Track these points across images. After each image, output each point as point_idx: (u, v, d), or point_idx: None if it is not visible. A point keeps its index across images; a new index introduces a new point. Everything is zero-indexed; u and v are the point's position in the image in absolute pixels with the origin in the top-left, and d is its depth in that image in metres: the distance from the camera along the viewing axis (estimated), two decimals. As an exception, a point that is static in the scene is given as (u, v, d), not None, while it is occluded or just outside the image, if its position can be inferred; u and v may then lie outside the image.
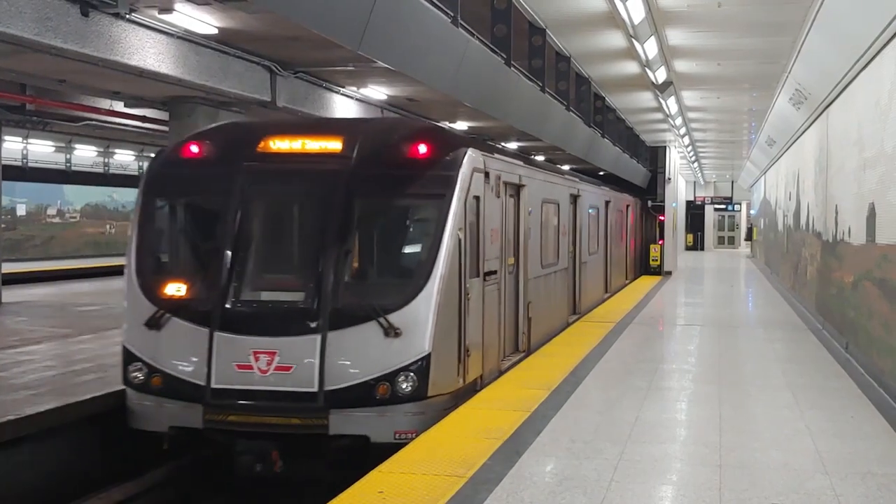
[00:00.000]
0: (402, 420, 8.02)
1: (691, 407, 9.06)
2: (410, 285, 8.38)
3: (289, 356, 8.01)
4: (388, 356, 8.03)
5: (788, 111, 17.85)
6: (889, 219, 9.43)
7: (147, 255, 9.18)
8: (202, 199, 9.33)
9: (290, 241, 9.42)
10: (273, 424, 8.03)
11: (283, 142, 9.17)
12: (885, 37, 9.35)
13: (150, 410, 8.54)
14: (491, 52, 11.83)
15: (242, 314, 8.41)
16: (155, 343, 8.50)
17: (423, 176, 8.82)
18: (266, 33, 12.19)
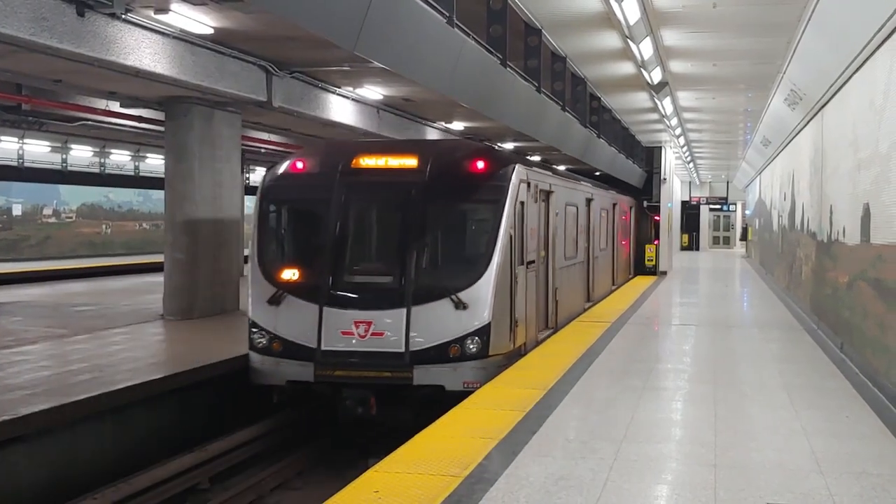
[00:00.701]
0: (469, 373, 10.40)
1: (687, 406, 9.08)
2: (474, 271, 10.77)
3: (381, 325, 10.48)
4: (458, 325, 10.49)
5: (783, 111, 17.88)
6: (884, 219, 9.45)
7: (266, 248, 11.65)
8: (308, 203, 11.82)
9: (379, 236, 12.02)
10: (369, 377, 10.43)
11: (371, 159, 11.46)
12: (879, 37, 9.37)
13: (271, 368, 11.00)
14: (487, 53, 11.84)
15: (344, 293, 10.85)
16: (275, 316, 10.95)
17: (482, 186, 11.29)
18: (262, 33, 12.20)
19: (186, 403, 11.14)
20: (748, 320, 17.77)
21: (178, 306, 15.64)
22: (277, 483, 9.87)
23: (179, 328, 14.57)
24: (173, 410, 10.88)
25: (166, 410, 10.74)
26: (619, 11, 10.74)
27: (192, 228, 15.63)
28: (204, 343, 13.05)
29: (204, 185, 15.74)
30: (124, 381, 10.07)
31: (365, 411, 10.45)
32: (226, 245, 16.31)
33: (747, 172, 39.13)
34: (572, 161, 28.72)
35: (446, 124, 22.07)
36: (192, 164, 15.59)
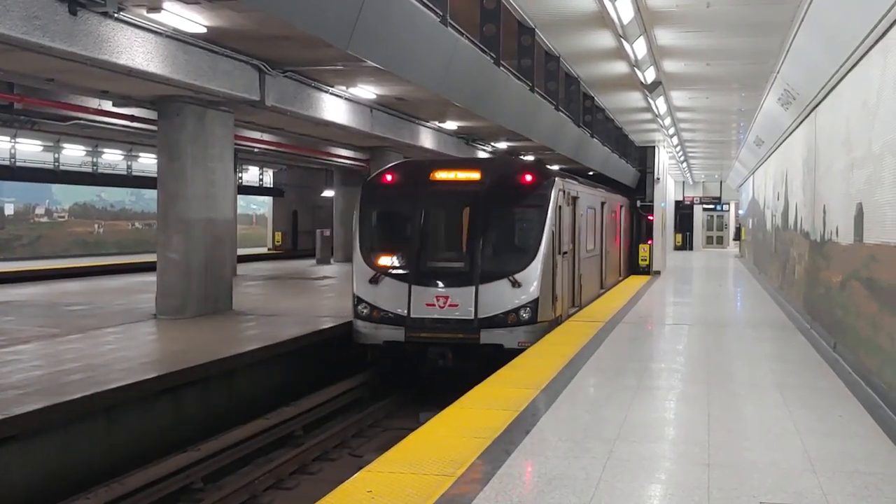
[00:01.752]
0: (521, 335, 13.58)
1: (680, 406, 9.07)
2: (526, 258, 14.09)
3: (456, 299, 13.72)
4: (513, 298, 13.73)
5: (777, 111, 17.90)
6: (877, 219, 9.46)
7: (366, 240, 14.86)
8: (398, 207, 15.18)
9: (453, 232, 15.30)
10: (447, 338, 13.70)
11: (444, 173, 14.89)
12: (872, 37, 9.38)
13: (372, 332, 14.15)
14: (480, 52, 11.83)
15: (428, 274, 14.07)
16: (374, 292, 14.18)
17: (531, 194, 14.62)
18: (255, 32, 12.21)
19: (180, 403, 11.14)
20: (741, 320, 17.78)
21: (171, 306, 15.63)
22: (271, 483, 9.85)
23: (172, 328, 14.55)
24: (166, 410, 10.87)
25: (159, 410, 10.74)
26: (613, 11, 10.73)
27: (185, 228, 15.63)
28: (196, 342, 13.02)
29: (196, 184, 15.73)
30: (117, 380, 10.05)
31: (444, 363, 13.80)
32: (219, 244, 16.30)
33: (740, 172, 39.18)
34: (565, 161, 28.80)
35: (440, 123, 22.11)
36: (184, 163, 15.58)
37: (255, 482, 9.65)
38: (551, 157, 31.28)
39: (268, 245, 47.28)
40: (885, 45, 9.09)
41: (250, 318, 15.95)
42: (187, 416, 11.28)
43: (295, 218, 46.68)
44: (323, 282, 25.12)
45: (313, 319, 15.84)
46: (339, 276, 26.91)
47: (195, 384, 11.44)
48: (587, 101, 19.83)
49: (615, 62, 15.24)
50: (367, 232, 15.01)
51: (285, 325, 15.02)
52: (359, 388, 14.33)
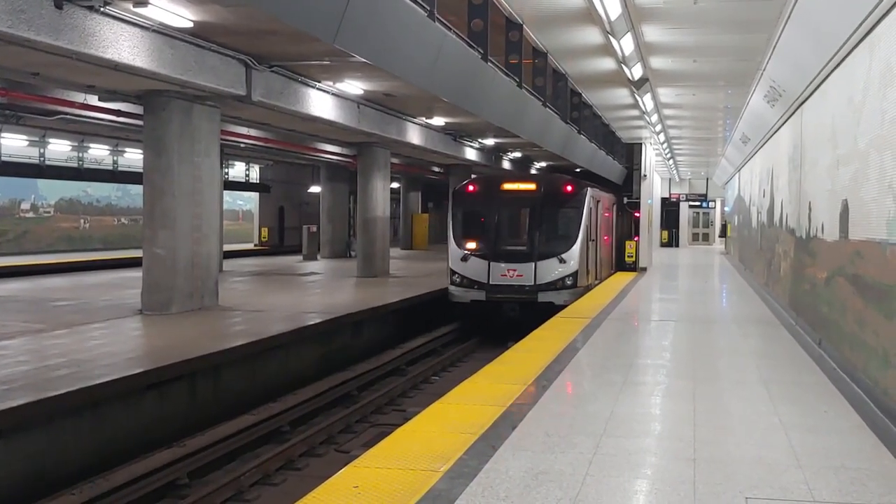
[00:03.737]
0: (566, 296, 19.63)
1: (666, 401, 9.09)
2: (568, 243, 20.26)
3: (521, 271, 19.72)
4: (560, 271, 19.89)
5: (763, 108, 17.95)
6: (862, 215, 9.49)
7: (458, 231, 20.90)
8: (479, 208, 21.06)
9: (518, 225, 21.55)
10: (515, 298, 19.70)
11: (510, 184, 21.49)
12: (858, 34, 9.41)
13: (462, 294, 20.21)
14: (468, 47, 11.82)
15: (501, 255, 20.03)
16: (463, 266, 20.19)
17: (571, 199, 20.77)
18: (241, 27, 12.17)
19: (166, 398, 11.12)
20: (727, 316, 17.85)
21: (157, 301, 15.59)
22: (257, 478, 9.83)
23: (158, 323, 14.50)
24: (152, 406, 10.84)
25: (145, 406, 10.71)
26: (601, 7, 10.73)
27: (171, 223, 15.58)
28: (182, 338, 12.99)
29: (183, 179, 15.68)
30: (102, 376, 10.02)
31: (515, 315, 19.72)
32: (205, 240, 16.25)
33: (726, 169, 39.27)
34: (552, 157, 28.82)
35: (427, 119, 22.09)
36: (170, 158, 15.53)
37: (242, 478, 9.61)
38: (538, 153, 31.34)
39: (254, 241, 47.20)
40: (871, 41, 9.11)
41: (236, 313, 15.92)
42: (173, 411, 11.25)
43: (281, 214, 46.60)
44: (309, 278, 25.10)
45: (299, 316, 15.82)
46: (325, 273, 26.89)
47: (181, 380, 11.42)
48: (574, 97, 19.87)
49: (603, 58, 15.26)
50: (458, 226, 21.14)
51: (271, 321, 15.00)
52: (351, 381, 14.33)
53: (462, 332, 20.48)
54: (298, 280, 24.39)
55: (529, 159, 35.04)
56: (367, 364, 16.07)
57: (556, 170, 37.89)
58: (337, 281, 23.91)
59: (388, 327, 18.68)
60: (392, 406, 13.75)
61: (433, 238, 49.00)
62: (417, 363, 17.19)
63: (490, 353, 17.29)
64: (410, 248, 44.00)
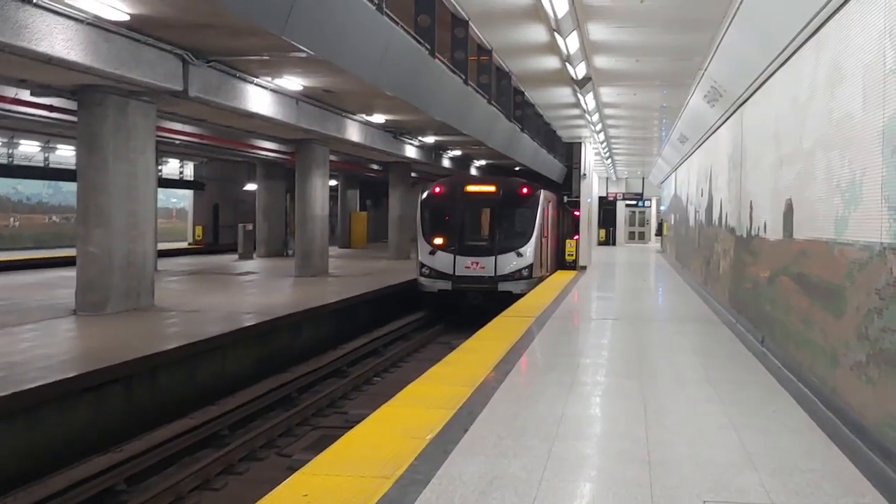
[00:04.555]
0: (523, 286, 21.95)
1: (615, 401, 9.00)
2: (525, 238, 22.64)
3: (483, 263, 22.03)
4: (518, 263, 22.26)
5: (703, 108, 18.05)
6: (807, 215, 9.51)
7: (426, 228, 22.94)
8: (445, 207, 23.26)
9: (480, 223, 23.47)
10: (478, 287, 21.95)
11: (473, 186, 23.95)
12: (805, 33, 9.43)
13: (430, 284, 22.38)
14: (415, 42, 11.64)
15: (466, 249, 22.27)
16: (432, 259, 22.33)
17: (527, 200, 23.30)
18: (179, 20, 11.93)
19: (102, 402, 10.81)
20: (668, 314, 17.90)
21: (91, 301, 15.23)
22: (197, 483, 9.57)
23: (92, 324, 14.14)
24: (88, 409, 10.53)
25: (81, 410, 10.40)
26: (548, 4, 10.63)
27: (106, 221, 15.23)
28: (118, 339, 12.67)
29: (118, 176, 15.35)
30: (36, 379, 9.70)
31: (478, 302, 22.00)
32: (141, 238, 15.91)
33: (663, 169, 39.60)
34: (495, 155, 28.82)
35: (367, 116, 21.90)
36: (105, 154, 15.19)
37: (181, 483, 9.36)
38: (479, 151, 31.36)
39: (188, 240, 46.54)
40: (818, 40, 9.13)
41: (173, 314, 15.59)
42: (110, 415, 10.95)
43: (216, 212, 45.98)
44: (245, 277, 24.73)
45: (237, 316, 15.54)
46: (262, 272, 26.53)
47: (117, 382, 11.13)
48: (518, 96, 19.79)
49: (547, 57, 15.18)
50: (426, 224, 23.34)
51: (208, 322, 14.70)
52: (291, 383, 14.09)
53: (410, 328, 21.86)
54: (235, 279, 24.02)
55: (469, 157, 35.05)
56: (307, 365, 15.84)
57: (497, 168, 38.12)
58: (274, 280, 23.59)
59: (328, 328, 18.45)
60: (333, 408, 13.55)
61: (371, 236, 48.77)
62: (358, 364, 16.99)
63: (432, 353, 17.41)
64: (349, 247, 43.70)
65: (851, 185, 7.58)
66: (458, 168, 35.13)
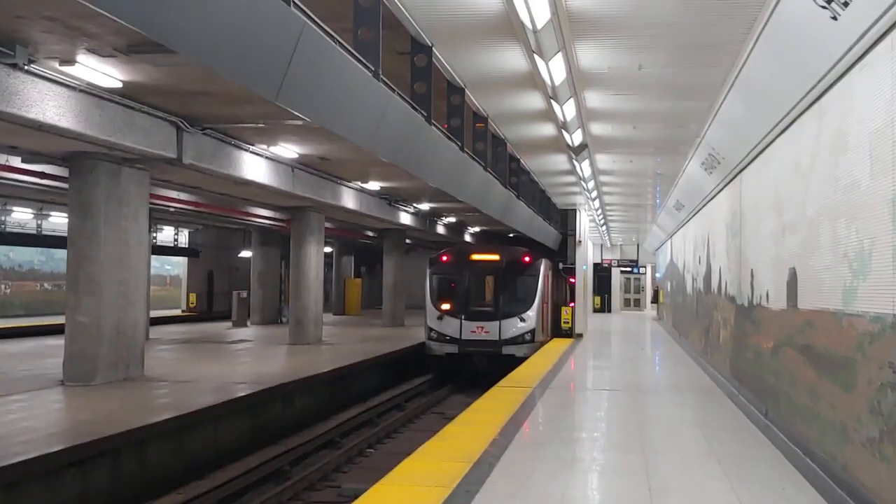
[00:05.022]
0: (526, 349, 23.07)
1: (619, 480, 8.70)
2: (527, 305, 23.96)
3: (488, 328, 23.22)
4: (521, 328, 23.46)
5: (700, 175, 17.93)
6: (812, 284, 9.30)
7: (434, 294, 24.16)
8: (452, 275, 24.34)
9: (485, 290, 24.39)
10: (483, 351, 23.14)
11: (478, 255, 24.92)
12: (806, 101, 9.30)
13: (438, 347, 23.39)
14: (412, 109, 11.52)
15: (472, 314, 23.51)
16: (439, 324, 23.45)
17: (529, 268, 24.57)
18: (173, 87, 11.79)
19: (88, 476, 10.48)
20: (668, 385, 17.58)
21: (80, 372, 14.91)
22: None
23: (80, 395, 13.82)
24: (73, 485, 10.19)
25: (66, 485, 10.06)
26: (546, 72, 10.52)
27: (96, 290, 14.97)
28: (105, 412, 12.34)
29: (109, 244, 15.11)
30: (20, 453, 9.37)
31: (482, 366, 23.23)
32: (131, 307, 15.63)
33: (658, 236, 39.49)
34: (489, 221, 28.66)
35: (362, 184, 21.78)
36: (97, 222, 14.98)
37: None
38: (473, 218, 31.23)
39: (181, 307, 46.19)
40: (820, 108, 9.00)
41: (163, 384, 15.26)
42: (96, 490, 10.61)
43: (210, 279, 45.72)
44: (239, 346, 24.39)
45: (228, 387, 15.21)
46: (256, 340, 26.19)
47: (104, 456, 10.79)
48: (513, 163, 19.70)
49: (543, 124, 15.09)
50: (433, 290, 24.64)
51: (199, 393, 14.37)
52: (283, 456, 13.72)
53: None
54: (227, 348, 23.68)
55: (464, 224, 34.92)
56: (300, 437, 15.47)
57: (491, 235, 37.99)
58: (268, 348, 23.26)
59: (322, 397, 18.11)
60: (326, 482, 13.17)
61: (366, 303, 48.48)
62: (351, 434, 16.63)
63: (427, 423, 17.08)
64: (343, 314, 43.39)
65: (860, 254, 7.37)
66: (452, 235, 34.97)
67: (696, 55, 10.72)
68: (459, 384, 23.08)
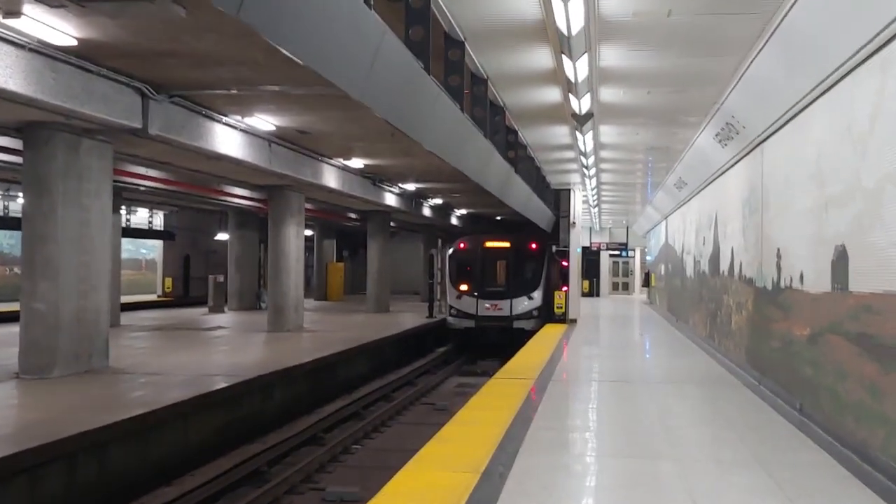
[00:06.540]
0: (533, 324, 27.48)
1: (657, 497, 7.30)
2: (535, 284, 28.36)
3: (501, 305, 27.80)
4: (530, 305, 27.96)
5: (711, 148, 16.67)
6: (874, 264, 7.99)
7: (453, 277, 28.68)
8: (469, 260, 28.81)
9: (497, 272, 28.91)
10: (496, 325, 27.69)
11: (492, 242, 29.34)
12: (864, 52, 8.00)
13: (458, 322, 28.06)
14: (408, 53, 10.04)
15: (486, 294, 28.06)
16: (458, 303, 28.13)
17: (536, 252, 29.10)
18: (135, 47, 10.43)
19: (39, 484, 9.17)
20: (681, 375, 16.13)
21: (36, 364, 13.60)
22: None
23: (35, 390, 12.50)
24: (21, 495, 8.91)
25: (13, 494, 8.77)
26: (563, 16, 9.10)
27: (54, 274, 13.62)
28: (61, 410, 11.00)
29: (68, 223, 13.77)
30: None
31: (496, 338, 27.04)
32: (93, 293, 14.28)
33: (651, 217, 38.30)
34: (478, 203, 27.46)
35: (344, 161, 20.42)
36: (54, 199, 13.66)
37: None
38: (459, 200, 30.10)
39: (157, 292, 44.72)
40: (883, 59, 7.69)
41: (129, 377, 13.92)
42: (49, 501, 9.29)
43: (187, 263, 44.23)
44: (215, 333, 22.98)
45: (202, 379, 13.86)
46: (233, 327, 24.80)
47: (57, 461, 9.51)
48: (511, 135, 18.22)
49: (548, 88, 13.65)
50: (453, 273, 28.66)
51: (169, 387, 13.02)
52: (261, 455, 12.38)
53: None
54: (203, 336, 22.26)
55: (450, 206, 33.64)
56: (279, 433, 14.17)
57: (476, 218, 36.90)
58: (245, 336, 21.88)
59: (303, 389, 16.78)
60: (308, 484, 11.90)
61: (349, 288, 47.12)
62: (336, 429, 15.34)
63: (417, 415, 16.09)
64: (325, 299, 42.01)
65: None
66: (438, 217, 33.70)
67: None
68: (453, 370, 24.42)
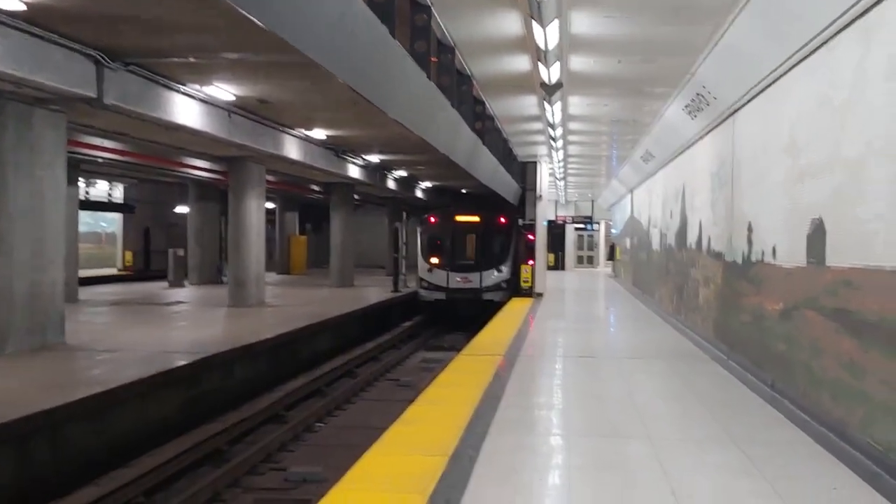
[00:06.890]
0: (501, 295, 28.31)
1: (631, 477, 7.04)
2: (504, 258, 29.23)
3: (471, 278, 28.62)
4: (498, 278, 28.81)
5: (680, 120, 16.42)
6: (851, 238, 7.76)
7: (424, 251, 29.30)
8: (440, 233, 29.67)
9: (467, 246, 29.78)
10: (466, 297, 28.46)
11: (462, 216, 30.12)
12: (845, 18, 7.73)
13: (429, 294, 28.84)
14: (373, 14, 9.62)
15: (457, 266, 28.89)
16: (430, 275, 28.83)
17: (505, 226, 29.93)
18: (88, 11, 9.95)
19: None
20: (648, 349, 15.94)
21: (-13, 340, 13.10)
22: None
23: (-16, 369, 12.04)
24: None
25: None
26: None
27: (5, 249, 13.15)
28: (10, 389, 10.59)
29: (20, 195, 13.31)
30: None
31: (466, 309, 27.53)
32: (49, 267, 13.84)
33: (616, 190, 38.15)
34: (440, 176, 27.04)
35: (306, 132, 19.95)
36: (4, 171, 13.21)
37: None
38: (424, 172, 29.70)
39: (117, 266, 44.00)
40: (867, 25, 7.43)
41: (85, 354, 13.50)
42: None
43: (147, 236, 43.51)
44: (175, 308, 22.51)
45: (160, 356, 13.46)
46: (193, 301, 24.32)
47: (6, 444, 9.15)
48: (478, 105, 17.79)
49: (517, 55, 13.29)
50: (424, 246, 29.19)
51: (126, 364, 12.62)
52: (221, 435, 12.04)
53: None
54: (162, 311, 21.79)
55: (415, 179, 33.23)
56: (240, 412, 13.82)
57: (441, 191, 36.47)
58: (206, 311, 21.43)
59: (264, 366, 16.41)
60: (269, 464, 11.56)
61: (312, 262, 46.63)
62: (298, 407, 15.01)
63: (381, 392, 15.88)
64: (288, 273, 41.50)
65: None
66: (403, 190, 33.26)
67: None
68: (418, 345, 24.42)
